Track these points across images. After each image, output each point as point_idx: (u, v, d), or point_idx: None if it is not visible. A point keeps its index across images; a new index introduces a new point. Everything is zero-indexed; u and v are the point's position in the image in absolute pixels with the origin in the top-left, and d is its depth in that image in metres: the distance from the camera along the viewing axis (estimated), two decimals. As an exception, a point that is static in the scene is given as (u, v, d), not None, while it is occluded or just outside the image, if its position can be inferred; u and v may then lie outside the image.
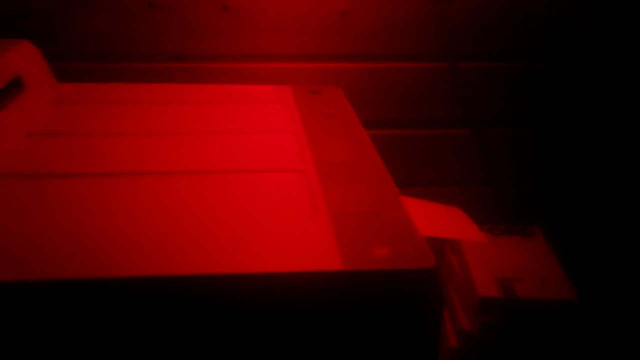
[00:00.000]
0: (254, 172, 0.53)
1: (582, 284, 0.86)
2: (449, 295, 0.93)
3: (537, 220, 1.02)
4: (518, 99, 0.98)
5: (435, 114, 0.97)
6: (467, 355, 0.85)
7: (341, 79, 0.91)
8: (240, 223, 0.44)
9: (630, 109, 1.02)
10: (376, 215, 0.46)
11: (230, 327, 0.40)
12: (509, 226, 0.97)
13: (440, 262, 1.00)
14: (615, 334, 1.03)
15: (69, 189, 0.49)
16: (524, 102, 0.99)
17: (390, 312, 0.41)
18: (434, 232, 0.50)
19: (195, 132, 0.62)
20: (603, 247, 1.12)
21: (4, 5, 0.80)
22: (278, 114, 0.68)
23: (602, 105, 1.01)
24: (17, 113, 0.60)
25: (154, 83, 0.75)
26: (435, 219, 0.55)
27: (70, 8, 0.82)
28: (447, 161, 1.01)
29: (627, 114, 1.02)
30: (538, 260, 0.89)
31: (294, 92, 0.75)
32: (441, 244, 0.99)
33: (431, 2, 0.88)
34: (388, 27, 0.89)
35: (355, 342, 0.42)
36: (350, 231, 0.43)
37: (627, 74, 0.99)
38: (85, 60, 0.85)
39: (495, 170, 1.03)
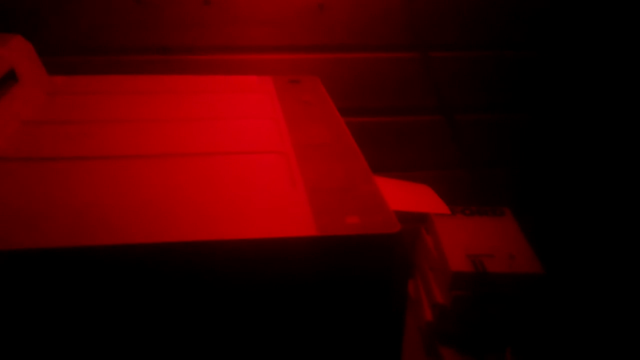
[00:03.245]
0: (238, 154, 0.57)
1: (549, 258, 0.91)
2: (425, 272, 0.98)
3: (508, 201, 1.07)
4: (486, 86, 1.02)
5: (408, 101, 1.01)
6: (441, 327, 0.90)
7: (319, 69, 0.94)
8: (225, 198, 0.48)
9: (596, 93, 1.06)
10: (348, 190, 0.50)
11: (218, 290, 0.45)
12: (480, 207, 1.02)
13: (417, 243, 1.05)
14: (577, 303, 1.08)
15: (63, 171, 0.52)
16: (493, 89, 1.03)
17: (361, 272, 0.46)
18: (401, 207, 0.55)
19: (182, 118, 0.65)
20: (568, 225, 1.17)
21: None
22: (260, 102, 0.72)
23: (568, 91, 1.05)
24: (12, 103, 0.63)
25: (140, 75, 0.77)
26: (403, 195, 0.59)
27: (59, 4, 0.84)
28: (421, 146, 1.05)
29: (594, 99, 1.07)
30: (507, 238, 0.94)
31: (274, 81, 0.79)
32: (417, 226, 1.04)
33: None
34: (362, 19, 0.92)
35: (328, 303, 0.47)
36: (325, 203, 0.48)
37: (595, 59, 1.03)
38: (75, 54, 0.87)
39: (467, 154, 1.08)
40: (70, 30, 0.86)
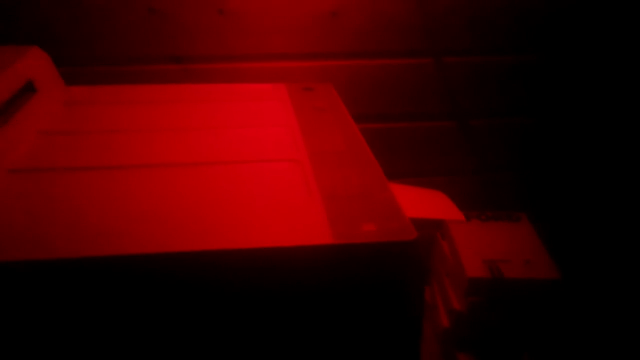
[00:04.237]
0: (253, 162, 0.57)
1: (565, 264, 0.90)
2: (441, 278, 0.97)
3: (524, 207, 1.06)
4: (500, 90, 1.02)
5: (421, 107, 1.00)
6: (458, 333, 0.89)
7: (332, 76, 0.94)
8: (241, 206, 0.48)
9: (609, 98, 1.05)
10: (364, 197, 0.50)
11: (233, 299, 0.45)
12: (496, 212, 1.01)
13: (433, 249, 1.05)
14: (594, 309, 1.07)
15: (80, 181, 0.53)
16: (507, 93, 1.02)
17: (378, 280, 0.46)
18: (416, 214, 0.54)
19: (197, 127, 0.66)
20: (585, 230, 1.16)
21: (14, 14, 0.84)
22: (274, 110, 0.72)
23: (582, 95, 1.04)
24: (31, 114, 0.64)
25: (155, 84, 0.78)
26: (417, 202, 0.59)
27: (74, 15, 0.85)
28: (436, 152, 1.05)
29: (607, 103, 1.06)
30: (524, 243, 0.93)
31: (288, 89, 0.79)
32: (433, 232, 1.03)
33: (415, 0, 0.92)
34: (374, 26, 0.92)
35: (346, 310, 0.47)
36: (341, 211, 0.48)
37: (607, 64, 1.02)
38: (90, 64, 0.88)
39: (483, 159, 1.07)
40: (86, 41, 0.87)
